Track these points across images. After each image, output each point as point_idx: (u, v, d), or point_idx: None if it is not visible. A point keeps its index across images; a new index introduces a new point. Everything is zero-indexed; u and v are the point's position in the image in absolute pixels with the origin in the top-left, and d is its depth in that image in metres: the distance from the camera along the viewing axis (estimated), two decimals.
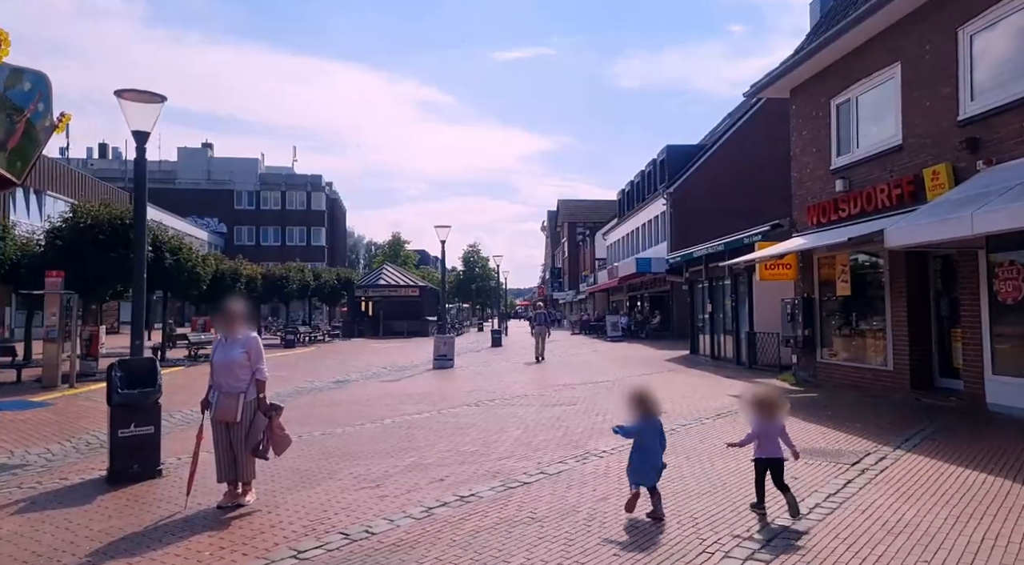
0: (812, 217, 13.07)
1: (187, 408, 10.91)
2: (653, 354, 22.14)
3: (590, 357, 21.77)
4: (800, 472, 6.19)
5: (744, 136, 29.44)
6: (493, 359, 21.82)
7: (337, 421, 9.97)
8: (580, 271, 55.90)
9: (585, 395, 12.20)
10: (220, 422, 5.68)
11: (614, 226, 43.28)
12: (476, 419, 9.86)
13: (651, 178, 33.69)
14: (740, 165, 28.91)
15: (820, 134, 13.16)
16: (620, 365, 18.44)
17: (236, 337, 5.78)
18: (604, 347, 26.09)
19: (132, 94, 7.19)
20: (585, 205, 59.71)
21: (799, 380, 13.36)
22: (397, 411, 10.80)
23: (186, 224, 56.48)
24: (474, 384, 14.57)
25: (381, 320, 40.33)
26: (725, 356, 18.33)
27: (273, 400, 6.15)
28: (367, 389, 14.10)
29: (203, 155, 68.14)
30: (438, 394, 12.89)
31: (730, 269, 17.41)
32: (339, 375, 16.93)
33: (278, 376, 16.31)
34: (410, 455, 7.45)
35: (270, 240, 65.60)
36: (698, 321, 20.88)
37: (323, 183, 69.89)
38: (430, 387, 14.24)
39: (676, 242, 28.46)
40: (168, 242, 18.03)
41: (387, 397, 12.61)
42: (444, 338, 19.13)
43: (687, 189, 28.97)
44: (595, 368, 17.81)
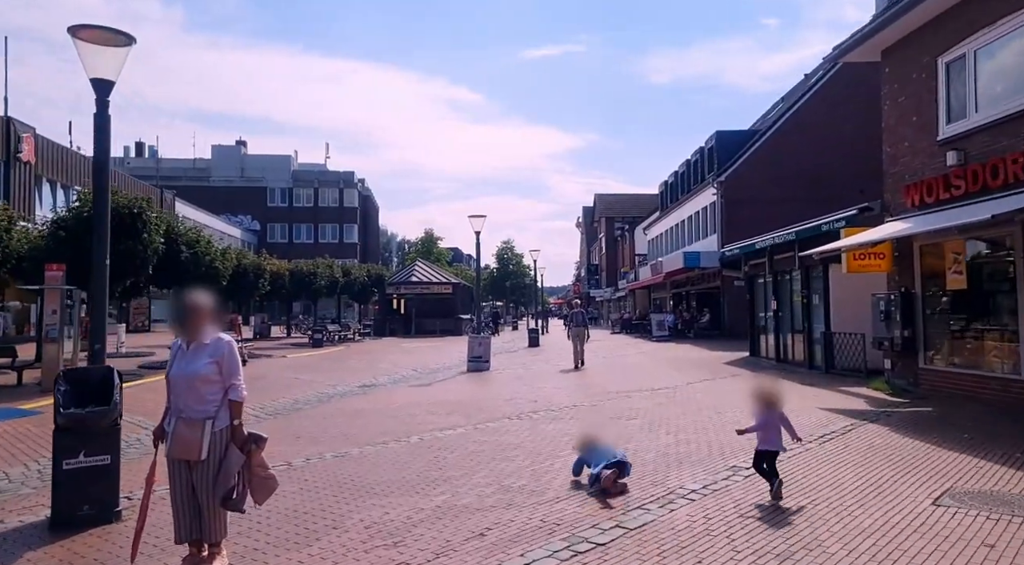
0: (913, 197, 11.06)
1: None
2: (707, 356, 20.20)
3: (638, 359, 19.93)
4: (975, 532, 4.38)
5: (802, 120, 27.19)
6: (532, 361, 20.15)
7: (356, 438, 8.42)
8: (619, 267, 53.82)
9: (645, 406, 10.44)
10: (178, 460, 4.11)
11: (656, 220, 41.19)
12: (520, 437, 8.20)
13: (698, 167, 31.58)
14: (798, 151, 26.69)
15: (923, 100, 11.14)
16: (674, 369, 16.59)
17: (202, 342, 4.20)
18: (651, 348, 24.19)
19: (91, 33, 5.70)
20: (623, 199, 57.54)
21: (895, 389, 11.38)
22: (426, 424, 9.21)
23: (219, 222, 56.13)
24: (513, 391, 12.92)
25: (413, 318, 39.02)
26: (793, 359, 16.33)
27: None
28: (394, 396, 12.57)
29: (237, 152, 67.92)
30: (473, 403, 11.27)
31: (801, 261, 15.45)
32: (366, 378, 15.47)
33: (301, 379, 14.92)
34: (440, 490, 5.83)
35: (303, 237, 64.99)
36: (758, 320, 18.88)
37: (355, 180, 69.08)
38: (464, 394, 12.64)
39: (728, 234, 26.37)
40: (185, 234, 16.78)
41: (415, 406, 11.04)
42: (479, 338, 17.53)
43: (739, 177, 26.85)
44: (647, 372, 16.00)
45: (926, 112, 11.04)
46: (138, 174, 49.44)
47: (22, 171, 26.00)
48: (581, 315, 18.36)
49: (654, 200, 54.38)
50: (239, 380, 4.22)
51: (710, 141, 29.40)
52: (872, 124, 25.81)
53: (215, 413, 4.12)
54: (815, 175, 26.44)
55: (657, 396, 11.58)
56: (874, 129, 26.48)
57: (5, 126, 25.49)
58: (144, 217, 13.93)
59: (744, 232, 23.00)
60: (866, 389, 11.78)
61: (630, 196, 58.21)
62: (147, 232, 13.97)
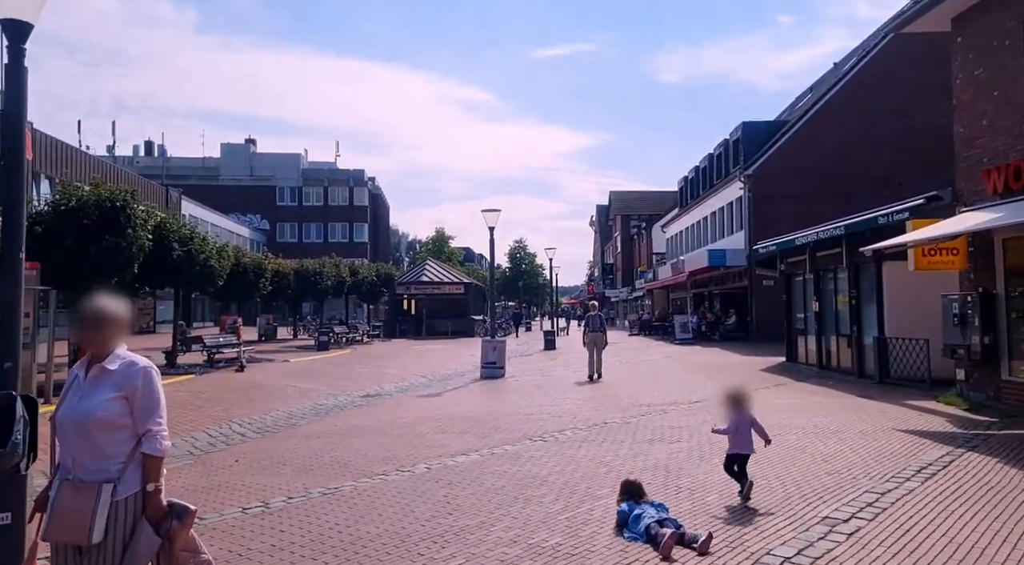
0: (995, 183, 9.60)
1: None
2: (739, 361, 18.74)
3: (664, 365, 18.50)
4: None
5: (834, 110, 25.62)
6: (550, 367, 18.79)
7: (352, 466, 7.12)
8: (635, 267, 52.29)
9: (686, 424, 9.05)
10: (62, 545, 2.79)
11: (675, 217, 39.66)
12: (546, 467, 6.85)
13: (722, 161, 30.06)
14: (831, 142, 25.14)
15: (1006, 70, 9.67)
16: (706, 376, 15.17)
17: (105, 369, 2.88)
18: (675, 351, 22.74)
19: None
20: (639, 197, 55.96)
21: (973, 404, 9.91)
22: (435, 448, 7.89)
23: (228, 221, 55.27)
24: (533, 403, 11.57)
25: (424, 319, 37.78)
26: (838, 366, 14.86)
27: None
28: (400, 408, 11.26)
29: (246, 151, 67.06)
30: (489, 419, 9.93)
31: (849, 258, 13.99)
32: (370, 386, 14.20)
33: (299, 388, 13.66)
34: (451, 552, 4.49)
35: (312, 237, 63.99)
36: (796, 322, 17.41)
37: (365, 178, 68.03)
38: (478, 406, 11.30)
39: (756, 230, 24.85)
40: (177, 230, 15.57)
41: (424, 422, 9.72)
42: (493, 343, 16.19)
43: (768, 170, 25.30)
44: (677, 381, 14.59)
45: (1011, 85, 9.57)
46: (146, 173, 48.62)
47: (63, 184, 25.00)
48: (599, 319, 15.57)
49: (671, 197, 52.81)
50: (159, 424, 2.89)
51: (735, 133, 27.86)
52: (914, 112, 24.48)
53: (119, 474, 2.79)
54: (849, 168, 24.89)
55: (697, 411, 10.18)
56: (916, 117, 24.96)
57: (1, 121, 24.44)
58: (129, 211, 12.70)
59: (774, 228, 21.54)
60: (936, 403, 10.31)
61: (646, 193, 56.63)
62: (132, 227, 12.74)
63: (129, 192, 13.01)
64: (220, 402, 11.78)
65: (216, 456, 7.86)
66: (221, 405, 11.45)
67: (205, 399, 12.08)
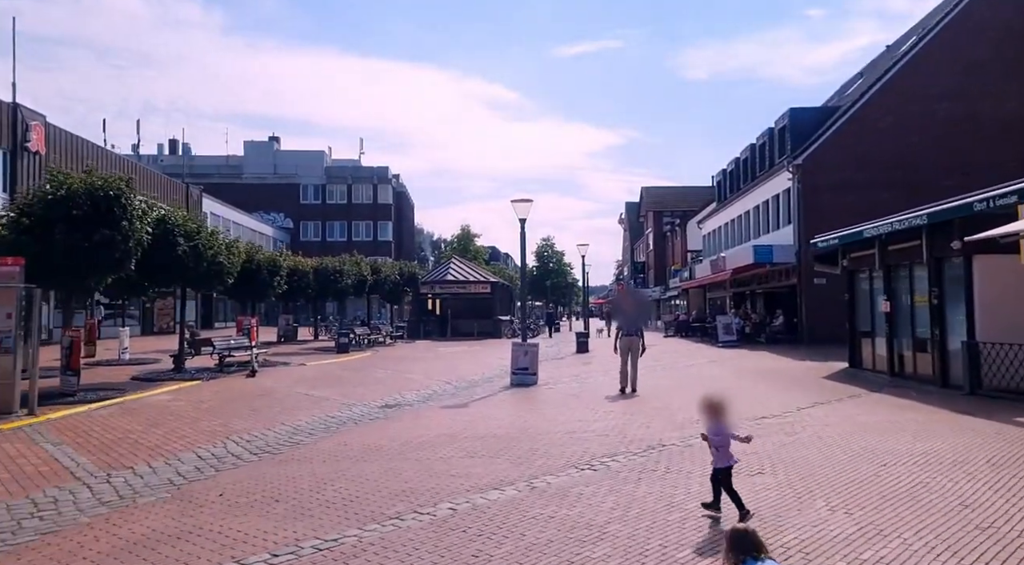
0: None
1: (122, 469, 6.91)
2: (794, 368, 17.04)
3: (712, 371, 16.87)
4: None
5: (891, 94, 23.66)
6: (585, 373, 17.27)
7: (359, 505, 5.74)
8: (668, 265, 50.42)
9: (765, 448, 7.51)
10: None
11: (712, 212, 37.77)
12: (602, 511, 5.40)
13: (766, 151, 28.20)
14: (890, 128, 23.22)
15: None
16: (765, 385, 13.56)
17: None
18: (720, 355, 21.05)
19: None
20: (672, 192, 54.01)
21: None
22: (461, 478, 6.48)
23: (252, 219, 54.69)
24: (573, 417, 10.11)
25: (449, 320, 36.49)
26: (915, 373, 13.13)
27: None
28: (422, 423, 9.87)
29: (269, 148, 66.52)
30: (524, 438, 8.49)
31: (931, 251, 12.30)
32: (390, 395, 12.86)
33: (311, 397, 12.37)
34: None
35: (336, 235, 63.16)
36: (861, 324, 15.67)
37: (390, 175, 67.05)
38: (511, 421, 9.86)
39: (807, 224, 23.07)
40: (183, 224, 14.40)
41: (448, 442, 8.33)
42: (525, 346, 14.74)
43: (820, 159, 23.42)
44: (734, 390, 12.96)
45: None
46: (171, 172, 48.17)
47: (31, 161, 24.21)
48: (633, 320, 13.23)
49: (706, 192, 50.84)
50: None
51: (782, 120, 26.00)
52: (978, 96, 22.39)
53: None
54: (908, 156, 22.99)
55: (770, 429, 8.63)
56: (981, 101, 22.88)
57: (12, 114, 23.73)
58: (124, 201, 11.50)
59: (827, 221, 19.75)
60: None
61: (679, 189, 54.70)
62: (127, 219, 11.54)
63: (124, 180, 11.82)
64: (221, 414, 10.53)
65: (199, 487, 6.53)
66: (221, 418, 10.19)
67: (205, 410, 10.84)
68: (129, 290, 17.79)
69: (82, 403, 11.17)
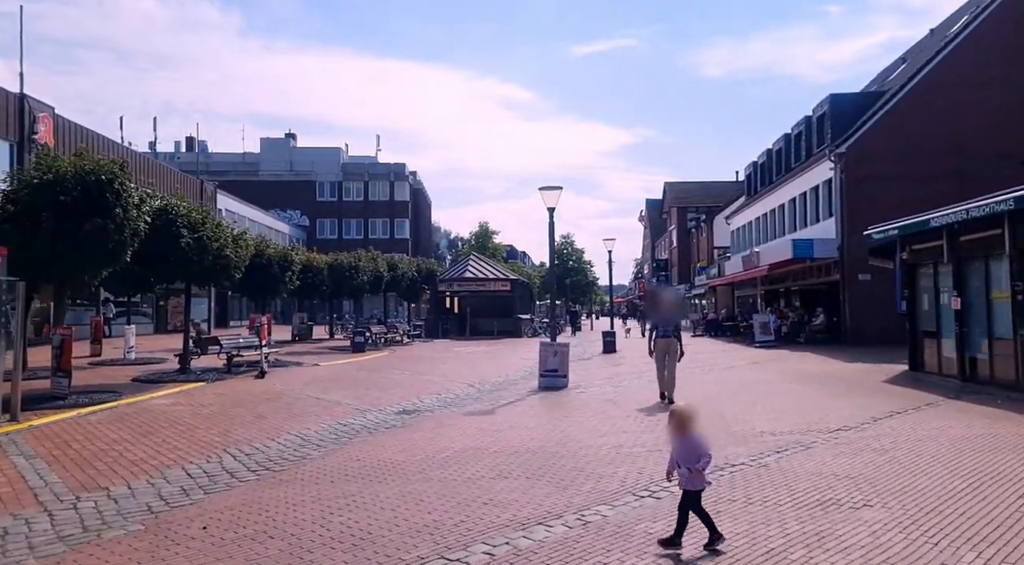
0: None
1: (96, 490, 5.80)
2: (846, 370, 15.68)
3: (755, 373, 15.55)
4: None
5: (941, 78, 22.10)
6: (617, 375, 16.03)
7: (372, 545, 4.59)
8: (693, 262, 48.89)
9: (851, 469, 6.28)
10: None
11: (741, 207, 36.26)
12: (683, 562, 4.18)
13: (803, 140, 26.70)
14: (941, 115, 21.71)
15: None
16: (822, 391, 12.25)
17: None
18: (759, 356, 19.69)
19: None
20: (696, 187, 52.42)
21: None
22: (495, 507, 5.32)
23: (268, 217, 54.02)
24: (615, 427, 8.91)
25: (467, 318, 35.39)
26: (992, 377, 11.76)
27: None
28: (444, 433, 8.72)
29: (286, 145, 65.93)
30: (564, 453, 7.30)
31: (1013, 241, 10.92)
32: (408, 399, 11.75)
33: (323, 401, 11.29)
34: None
35: (352, 233, 62.37)
36: (924, 323, 14.28)
37: (406, 172, 66.15)
38: (545, 432, 8.68)
39: (851, 216, 21.62)
40: (186, 214, 13.39)
41: (476, 457, 7.17)
42: (555, 347, 13.53)
43: (865, 147, 21.89)
44: (787, 397, 11.70)
45: None
46: (187, 169, 47.65)
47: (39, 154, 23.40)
48: (668, 321, 11.41)
49: (731, 187, 49.33)
50: None
51: (821, 107, 24.49)
52: None
53: None
54: (959, 144, 21.49)
55: (854, 445, 7.37)
56: None
57: (19, 104, 22.95)
58: (117, 187, 10.47)
59: (874, 213, 18.37)
60: None
61: (704, 184, 53.10)
62: (121, 207, 10.51)
63: (118, 164, 10.80)
64: (222, 420, 9.47)
65: (180, 516, 5.43)
66: (221, 425, 9.13)
67: (204, 416, 9.79)
68: (132, 285, 16.86)
69: (72, 407, 10.18)
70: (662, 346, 11.09)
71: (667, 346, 11.06)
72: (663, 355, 11.08)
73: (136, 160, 30.80)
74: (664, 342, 11.08)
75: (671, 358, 11.05)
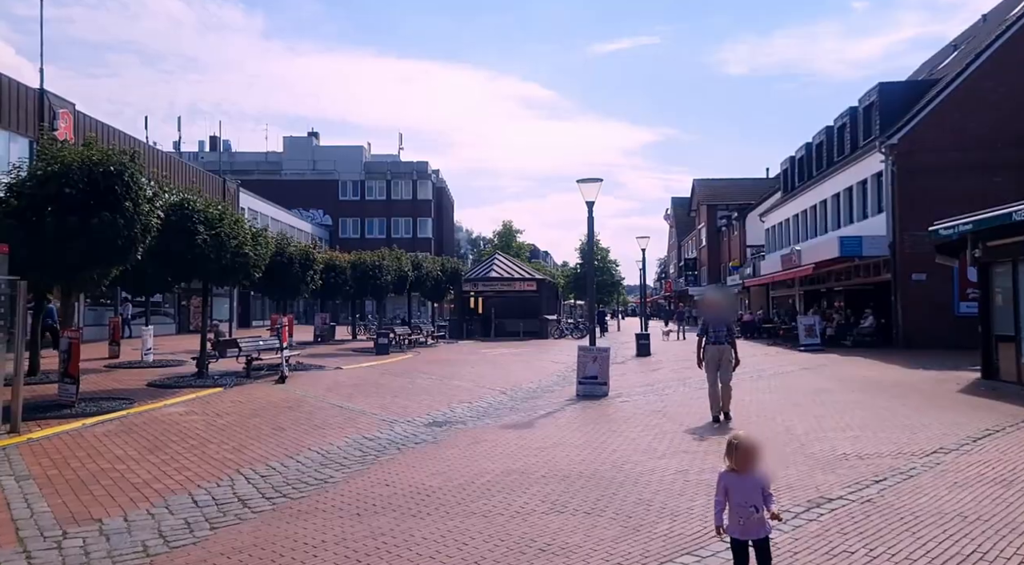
0: None
1: (88, 522, 4.94)
2: (909, 378, 14.46)
3: (810, 381, 14.38)
4: None
5: (1001, 63, 20.68)
6: (660, 382, 14.99)
7: None
8: (724, 262, 47.45)
9: (974, 506, 5.22)
10: None
11: (777, 204, 34.86)
12: None
13: (846, 133, 25.34)
14: (1002, 103, 20.30)
15: None
16: (892, 402, 11.11)
17: None
18: (808, 361, 18.47)
19: None
20: (727, 185, 50.91)
21: None
22: (558, 556, 4.38)
23: (290, 216, 53.66)
24: (672, 447, 7.91)
25: (492, 319, 34.47)
26: None
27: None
28: (482, 451, 7.79)
29: (308, 144, 65.62)
30: (625, 480, 6.34)
31: None
32: (437, 407, 10.86)
33: (346, 410, 10.43)
34: None
35: (375, 232, 61.83)
36: (1000, 326, 13.02)
37: (429, 171, 65.47)
38: (595, 451, 7.70)
39: (904, 212, 20.32)
40: (203, 209, 12.64)
41: (522, 483, 6.24)
42: (594, 351, 12.53)
43: (919, 138, 20.53)
44: (856, 410, 10.56)
45: None
46: (211, 168, 47.45)
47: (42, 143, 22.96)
48: (720, 324, 9.59)
49: (764, 184, 47.82)
50: None
51: (869, 96, 23.12)
52: None
53: None
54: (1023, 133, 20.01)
55: (963, 475, 6.30)
56: None
57: (39, 100, 22.51)
58: (127, 179, 9.70)
59: (930, 208, 17.16)
60: None
61: (735, 181, 51.57)
62: (131, 200, 9.74)
63: (128, 154, 10.03)
64: (237, 433, 8.65)
65: (179, 561, 4.55)
66: (236, 439, 8.30)
67: (219, 428, 8.97)
68: (148, 285, 16.19)
69: (78, 417, 9.44)
70: (714, 354, 9.44)
71: (720, 354, 9.41)
72: (715, 365, 9.40)
73: (158, 158, 30.38)
74: (716, 349, 9.42)
75: (725, 368, 9.42)
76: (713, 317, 9.68)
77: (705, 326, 9.55)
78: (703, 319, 9.56)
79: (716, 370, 9.37)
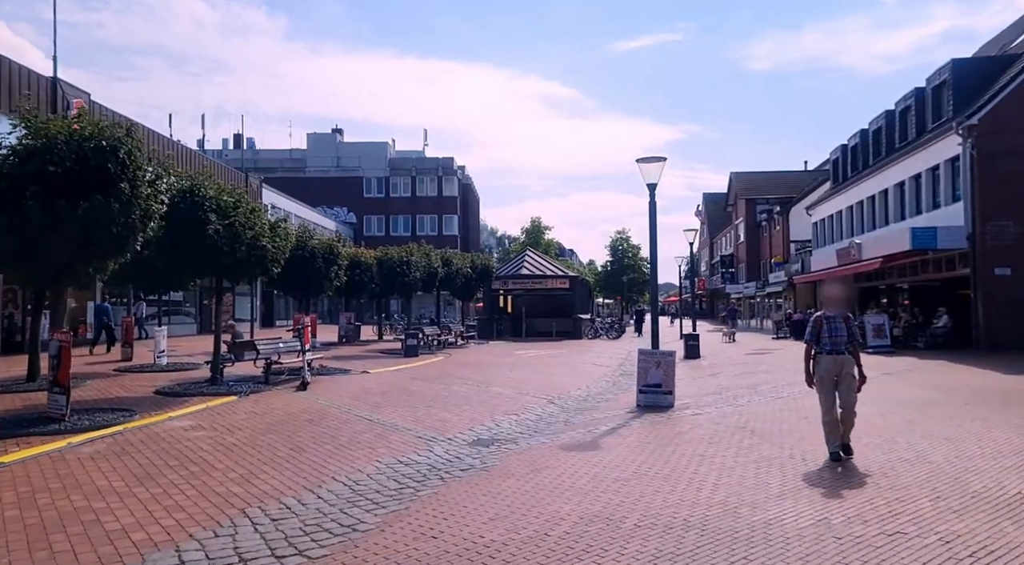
0: None
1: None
2: (1008, 385, 12.61)
3: (903, 389, 12.59)
4: None
5: None
6: (724, 388, 13.32)
7: None
8: (765, 258, 45.33)
9: None
10: None
11: (826, 195, 32.77)
12: None
13: (910, 116, 23.33)
14: None
15: None
16: (1019, 416, 9.33)
17: None
18: (885, 365, 16.57)
19: None
20: (767, 178, 48.68)
21: None
22: None
23: (314, 213, 52.73)
24: (788, 482, 6.30)
25: (523, 318, 32.96)
26: None
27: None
28: (545, 483, 6.24)
29: (332, 141, 64.71)
30: (749, 535, 4.77)
31: None
32: (480, 421, 9.37)
33: (375, 424, 8.95)
34: None
35: (400, 230, 60.69)
36: None
37: (455, 166, 64.15)
38: (688, 485, 6.11)
39: (985, 200, 18.36)
40: (216, 196, 11.28)
41: (611, 539, 4.69)
42: (657, 356, 10.92)
43: (1002, 118, 18.53)
44: (992, 429, 8.81)
45: None
46: (235, 166, 46.63)
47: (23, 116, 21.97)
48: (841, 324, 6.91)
49: (806, 177, 45.70)
50: None
51: (941, 74, 21.09)
52: None
53: None
54: None
55: None
56: None
57: (52, 89, 21.54)
58: (123, 157, 8.34)
59: (1017, 196, 15.20)
60: None
61: (774, 174, 49.33)
62: (127, 181, 8.37)
63: (124, 128, 8.67)
64: (248, 455, 7.23)
65: None
66: (246, 464, 6.88)
67: (227, 448, 7.57)
68: (159, 281, 14.94)
69: (66, 434, 8.10)
70: (830, 368, 6.83)
71: (839, 368, 6.81)
72: (832, 383, 6.84)
73: (181, 153, 29.37)
74: (834, 361, 6.81)
75: (846, 387, 6.80)
76: (831, 316, 6.99)
77: (817, 328, 6.98)
78: (814, 320, 7.09)
79: (834, 389, 6.85)
